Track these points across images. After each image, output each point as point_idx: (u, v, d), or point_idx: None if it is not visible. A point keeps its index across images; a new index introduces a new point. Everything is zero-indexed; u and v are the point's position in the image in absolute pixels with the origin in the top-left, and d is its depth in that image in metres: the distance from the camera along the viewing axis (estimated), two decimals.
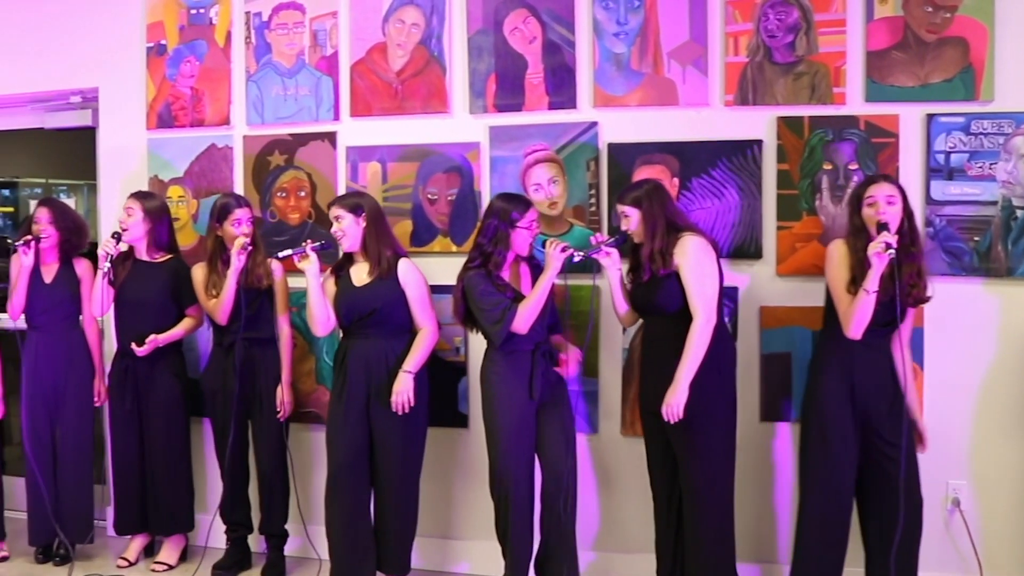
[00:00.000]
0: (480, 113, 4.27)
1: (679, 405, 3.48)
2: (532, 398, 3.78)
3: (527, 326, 3.71)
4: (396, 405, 3.86)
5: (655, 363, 3.66)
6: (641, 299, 3.71)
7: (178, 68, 4.74)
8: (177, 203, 4.72)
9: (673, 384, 3.49)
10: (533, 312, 3.70)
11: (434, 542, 4.36)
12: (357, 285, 3.95)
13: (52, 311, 4.51)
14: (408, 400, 3.87)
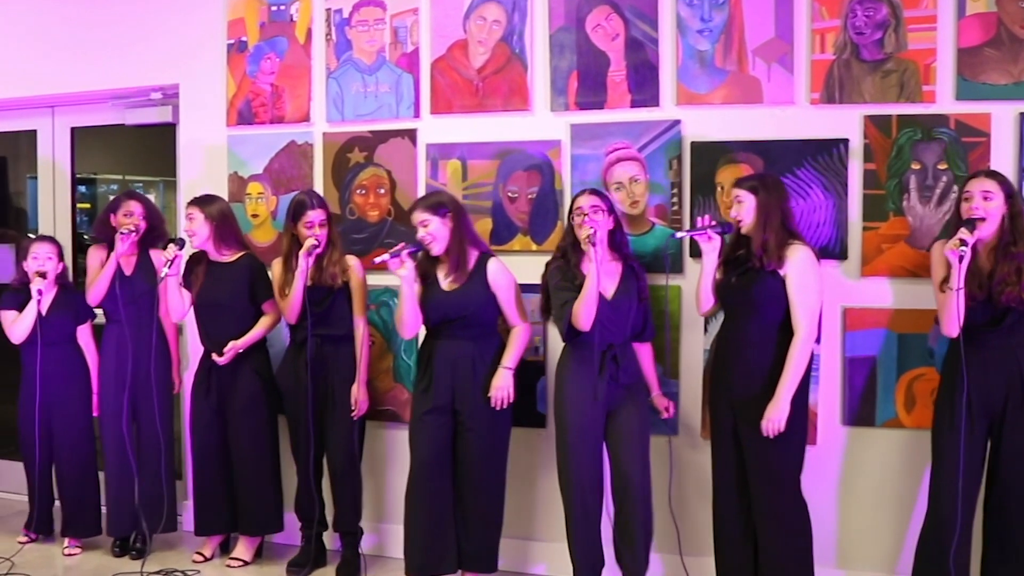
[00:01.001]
0: (561, 111, 4.62)
1: (781, 420, 3.82)
2: (596, 399, 4.10)
3: (585, 322, 4.04)
4: (496, 400, 4.24)
5: (737, 365, 3.96)
6: (733, 294, 3.99)
7: (258, 65, 5.18)
8: (256, 200, 5.16)
9: (775, 399, 3.82)
10: (587, 308, 4.02)
11: (513, 543, 4.69)
12: (446, 289, 4.30)
13: (134, 303, 4.97)
14: (508, 395, 4.25)
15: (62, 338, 5.04)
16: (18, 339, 4.95)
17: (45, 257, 4.95)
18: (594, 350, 4.08)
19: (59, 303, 5.02)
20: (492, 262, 4.33)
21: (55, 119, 5.99)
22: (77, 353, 5.12)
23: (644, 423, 4.19)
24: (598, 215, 4.08)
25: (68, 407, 5.07)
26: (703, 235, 3.97)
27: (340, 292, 4.66)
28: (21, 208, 6.62)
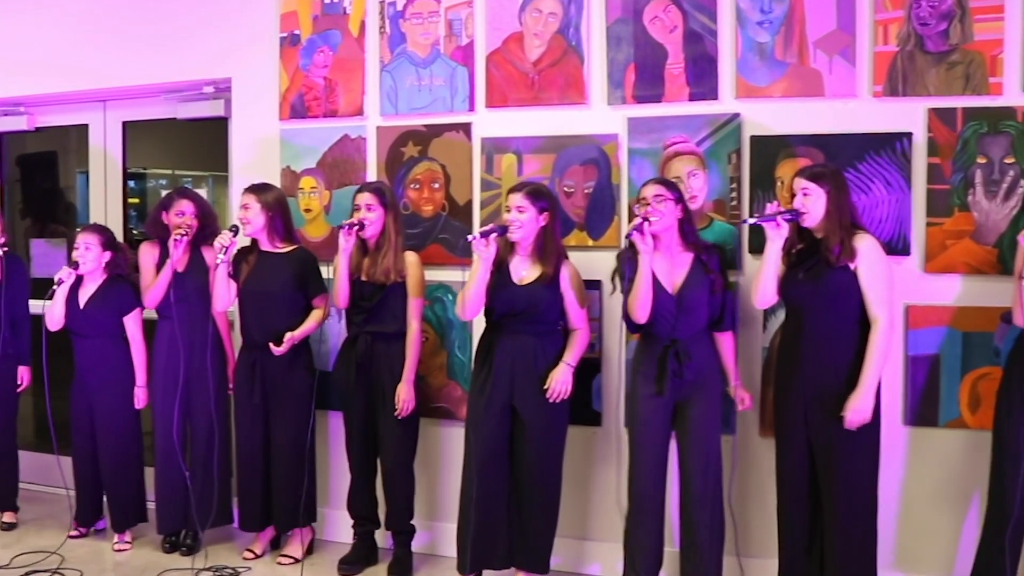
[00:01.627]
0: (618, 104, 4.80)
1: (867, 411, 3.98)
2: (658, 393, 4.27)
3: (639, 314, 4.23)
4: (553, 392, 4.42)
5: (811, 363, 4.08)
6: (801, 291, 4.11)
7: (311, 58, 5.41)
8: (309, 194, 5.40)
9: (859, 390, 3.97)
10: (639, 301, 4.21)
11: (567, 542, 4.87)
12: (517, 282, 4.49)
13: (187, 300, 5.22)
14: (566, 391, 4.43)
15: (105, 330, 5.29)
16: (52, 327, 5.20)
17: (83, 247, 5.21)
18: (659, 343, 4.28)
19: (100, 295, 5.28)
20: (567, 265, 4.52)
21: (107, 113, 6.29)
22: (120, 345, 5.35)
23: (710, 420, 4.30)
24: (662, 205, 4.23)
25: (111, 399, 5.33)
26: (772, 222, 4.03)
27: (393, 288, 4.83)
28: (71, 203, 6.92)
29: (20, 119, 6.47)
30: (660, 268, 4.30)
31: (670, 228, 4.27)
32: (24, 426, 6.61)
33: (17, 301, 5.64)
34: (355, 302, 4.91)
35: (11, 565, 5.06)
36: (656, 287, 4.26)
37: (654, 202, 4.23)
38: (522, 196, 4.43)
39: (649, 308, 4.23)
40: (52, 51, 6.13)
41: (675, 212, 4.26)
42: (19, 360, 5.68)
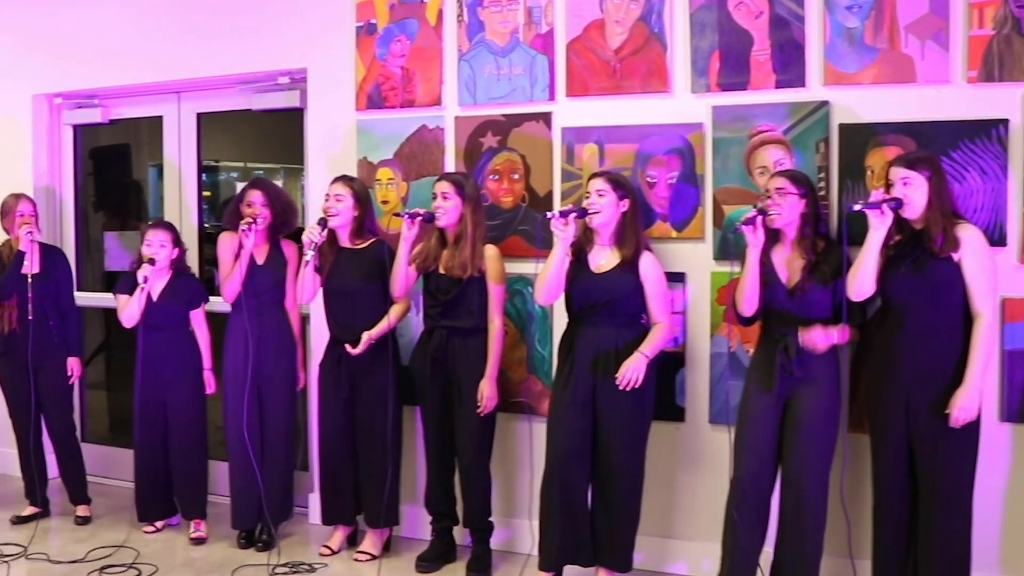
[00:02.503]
0: (702, 92, 4.95)
1: (972, 409, 4.09)
2: (766, 389, 4.40)
3: (746, 307, 4.39)
4: (623, 379, 4.54)
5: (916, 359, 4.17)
6: (905, 284, 4.18)
7: (388, 48, 5.63)
8: (386, 186, 5.63)
9: (966, 386, 4.08)
10: (745, 294, 4.36)
11: (649, 540, 5.02)
12: (595, 271, 4.66)
13: (264, 294, 5.48)
14: (637, 379, 4.55)
15: (172, 323, 5.58)
16: (128, 323, 5.50)
17: (158, 244, 5.50)
18: (772, 335, 4.42)
19: (171, 289, 5.56)
20: (647, 255, 4.66)
21: (181, 105, 6.58)
22: (188, 338, 5.67)
23: (818, 419, 4.34)
24: (783, 199, 4.33)
25: (184, 390, 5.63)
26: (876, 209, 4.06)
27: (471, 282, 5.00)
28: (142, 196, 7.22)
29: (94, 111, 6.79)
30: (778, 260, 4.43)
31: (792, 222, 4.37)
32: (97, 420, 6.93)
33: (62, 293, 5.95)
34: (432, 294, 5.11)
35: (86, 559, 5.35)
36: (771, 280, 4.39)
37: (776, 195, 4.34)
38: (603, 180, 4.61)
39: (756, 302, 4.38)
40: (127, 43, 6.44)
41: (798, 207, 4.34)
42: (68, 351, 5.96)
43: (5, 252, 5.90)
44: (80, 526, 5.93)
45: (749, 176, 4.83)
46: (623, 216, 4.62)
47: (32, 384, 5.85)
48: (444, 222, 5.02)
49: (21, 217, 5.82)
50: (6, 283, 5.77)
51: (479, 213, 5.05)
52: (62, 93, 6.90)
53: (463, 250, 4.99)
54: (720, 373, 4.93)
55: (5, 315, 5.80)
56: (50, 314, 5.81)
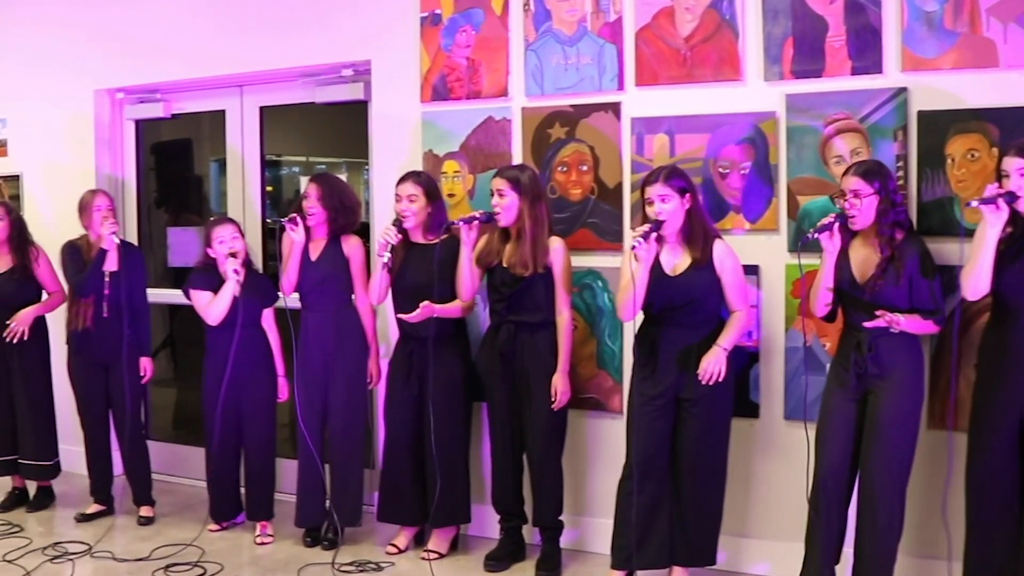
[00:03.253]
0: (776, 80, 5.01)
1: None
2: (840, 386, 4.47)
3: (817, 306, 4.47)
4: (705, 374, 4.64)
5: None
6: (1015, 277, 4.16)
7: (453, 38, 5.77)
8: (453, 179, 5.76)
9: None
10: (818, 294, 4.45)
11: (726, 539, 5.05)
12: (670, 273, 4.72)
13: (320, 289, 5.64)
14: (720, 372, 4.65)
15: (250, 321, 5.73)
16: (214, 320, 5.67)
17: (231, 237, 5.66)
18: (853, 331, 4.48)
19: (247, 285, 5.69)
20: (719, 244, 4.73)
21: (243, 98, 6.78)
22: (263, 336, 5.86)
23: (897, 417, 4.37)
24: (859, 201, 4.36)
25: (256, 391, 5.80)
26: (992, 204, 4.04)
27: (537, 276, 5.10)
28: (205, 192, 7.43)
29: (157, 106, 7.01)
30: (854, 255, 4.47)
31: (869, 222, 4.40)
32: (160, 417, 7.13)
33: (136, 291, 6.12)
34: (496, 289, 5.23)
35: (151, 558, 5.53)
36: (846, 275, 4.45)
37: (851, 198, 4.38)
38: (662, 185, 4.64)
39: (828, 300, 4.47)
40: (189, 36, 6.64)
41: (874, 204, 4.37)
42: (141, 351, 6.16)
43: (84, 247, 6.09)
44: (143, 526, 6.12)
45: (824, 166, 4.89)
46: (688, 212, 4.70)
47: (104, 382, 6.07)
48: (504, 221, 5.13)
49: (99, 212, 6.00)
50: (87, 280, 5.96)
51: (538, 208, 5.11)
52: (124, 88, 7.13)
53: (522, 247, 5.09)
54: (795, 368, 4.99)
55: (81, 312, 6.01)
56: (124, 312, 5.98)
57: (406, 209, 5.34)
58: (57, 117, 7.21)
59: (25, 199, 7.38)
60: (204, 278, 5.75)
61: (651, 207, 4.66)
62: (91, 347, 6.04)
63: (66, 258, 6.08)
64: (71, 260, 6.05)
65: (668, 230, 4.67)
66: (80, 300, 6.01)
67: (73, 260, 6.04)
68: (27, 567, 5.35)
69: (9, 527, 6.06)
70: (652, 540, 4.83)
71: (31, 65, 7.29)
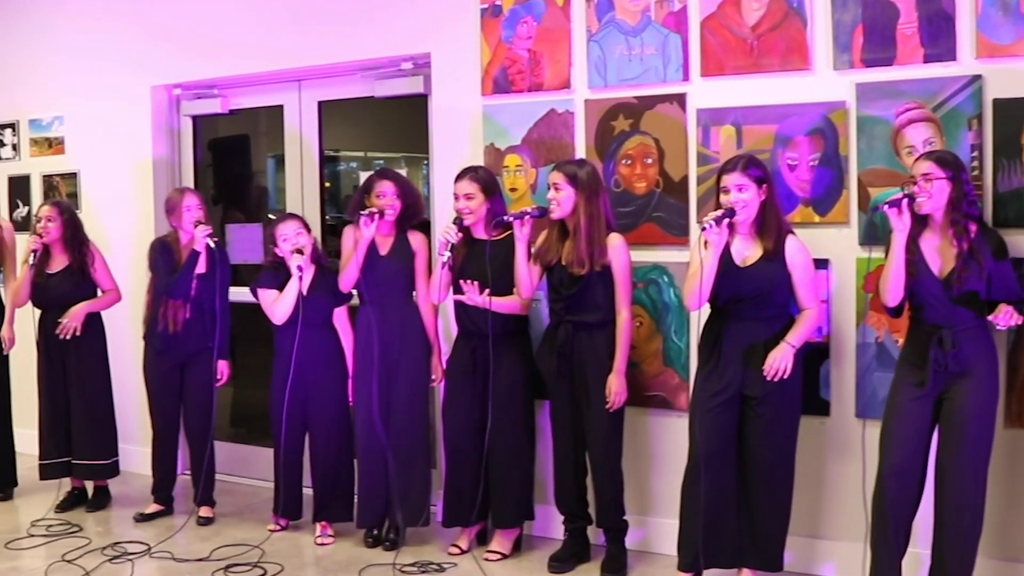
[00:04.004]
0: (845, 69, 5.05)
1: None
2: (918, 384, 4.49)
3: (890, 297, 4.47)
4: (770, 371, 4.68)
5: None
6: None
7: (514, 30, 5.87)
8: (515, 172, 5.87)
9: None
10: (890, 282, 4.44)
11: (796, 540, 5.11)
12: (741, 265, 4.78)
13: (387, 284, 5.75)
14: (785, 369, 4.68)
15: (319, 319, 5.85)
16: (280, 319, 5.79)
17: (295, 234, 5.78)
18: (926, 327, 4.49)
19: (317, 283, 5.83)
20: (792, 239, 4.79)
21: (302, 93, 6.93)
22: (334, 335, 5.96)
23: (976, 415, 4.38)
24: (930, 184, 4.38)
25: (325, 390, 5.91)
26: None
27: (595, 274, 5.17)
28: (263, 188, 7.59)
29: (214, 102, 7.19)
30: (927, 248, 4.50)
31: (940, 207, 4.42)
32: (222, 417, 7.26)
33: (219, 293, 6.25)
34: (555, 288, 5.32)
35: (211, 558, 5.67)
36: (921, 269, 4.47)
37: (922, 180, 4.41)
38: (740, 174, 4.70)
39: (901, 291, 4.47)
40: (246, 31, 6.81)
41: (946, 191, 4.39)
42: (219, 353, 6.30)
43: (175, 246, 6.22)
44: (202, 526, 6.28)
45: (896, 156, 4.93)
46: (762, 203, 4.76)
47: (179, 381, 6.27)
48: (559, 214, 5.21)
49: (189, 212, 6.14)
50: (178, 283, 6.13)
51: (595, 204, 5.16)
52: (181, 84, 7.33)
53: (578, 245, 5.17)
54: (867, 365, 5.04)
55: (169, 314, 6.17)
56: (206, 313, 6.15)
57: (464, 207, 5.45)
58: (114, 114, 7.41)
59: (82, 197, 7.59)
60: (271, 276, 5.88)
61: (726, 196, 4.73)
62: (175, 348, 6.21)
63: (156, 256, 6.23)
64: (162, 259, 6.20)
65: (741, 220, 4.74)
66: (168, 301, 6.17)
67: (164, 260, 6.19)
68: (86, 567, 5.51)
69: (68, 527, 6.24)
70: (719, 540, 4.89)
71: (88, 62, 7.51)
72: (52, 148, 7.81)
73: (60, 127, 7.77)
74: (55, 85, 7.74)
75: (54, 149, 7.80)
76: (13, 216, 7.89)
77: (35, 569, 5.54)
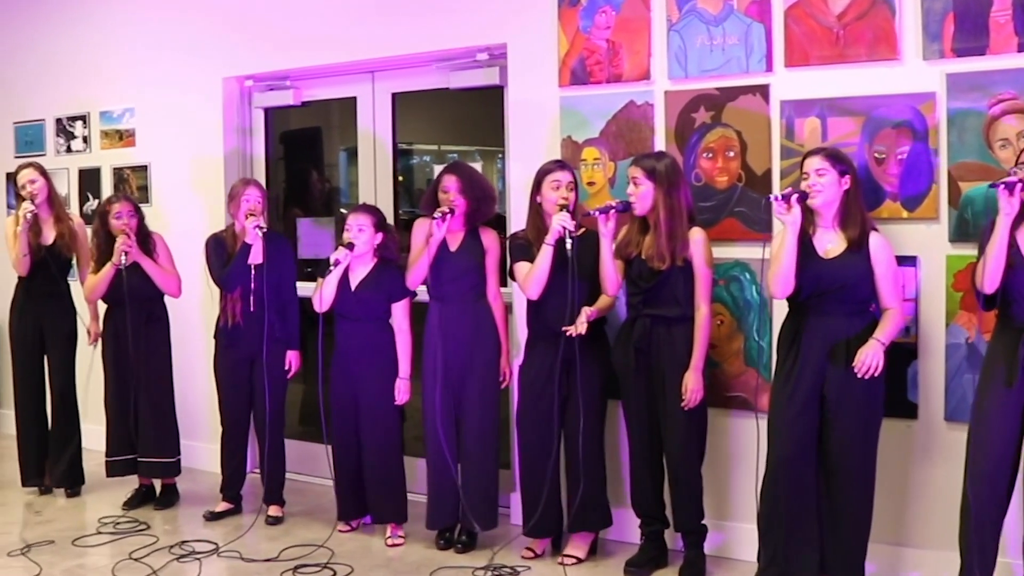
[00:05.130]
0: (935, 59, 5.07)
1: None
2: (1005, 384, 4.50)
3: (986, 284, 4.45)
4: (861, 367, 4.71)
5: None
6: None
7: (592, 19, 5.95)
8: (592, 166, 5.96)
9: None
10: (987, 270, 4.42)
11: (879, 547, 5.14)
12: (823, 257, 4.84)
13: (458, 281, 5.87)
14: (877, 366, 4.73)
15: (369, 315, 5.98)
16: (318, 307, 5.90)
17: (356, 228, 5.90)
18: (1015, 324, 4.51)
19: (372, 279, 5.96)
20: (875, 235, 4.84)
21: (375, 85, 7.08)
22: (388, 331, 6.05)
23: None
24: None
25: (376, 386, 6.02)
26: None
27: (675, 269, 5.25)
28: (334, 181, 7.74)
29: (286, 93, 7.36)
30: None
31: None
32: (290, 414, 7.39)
33: (284, 283, 6.43)
34: (633, 281, 5.40)
35: (279, 558, 5.81)
36: (1016, 262, 4.45)
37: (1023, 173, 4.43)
38: (821, 159, 4.79)
39: (999, 277, 4.45)
40: (319, 22, 6.97)
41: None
42: (288, 345, 6.48)
43: (229, 239, 6.40)
44: (271, 525, 6.43)
45: (989, 150, 4.94)
46: (846, 194, 4.81)
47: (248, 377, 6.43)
48: (639, 211, 5.29)
49: (247, 203, 6.29)
50: (230, 275, 6.29)
51: (675, 198, 5.24)
52: (253, 75, 7.51)
53: (659, 240, 5.25)
54: (957, 366, 5.05)
55: (229, 308, 6.36)
56: (271, 305, 6.27)
57: (568, 197, 5.52)
58: (185, 106, 7.62)
59: (152, 189, 7.81)
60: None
61: (805, 180, 4.81)
62: (239, 342, 6.38)
63: (210, 252, 6.40)
64: (215, 255, 6.37)
65: (817, 204, 4.80)
66: (227, 295, 6.35)
67: (217, 255, 6.37)
68: (153, 566, 5.68)
69: (135, 524, 6.44)
70: (799, 547, 4.93)
71: (160, 52, 7.73)
72: (123, 140, 8.04)
73: (131, 119, 7.98)
74: (126, 77, 7.96)
75: (125, 141, 8.03)
76: (84, 210, 8.14)
77: (102, 567, 5.72)
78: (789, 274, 4.79)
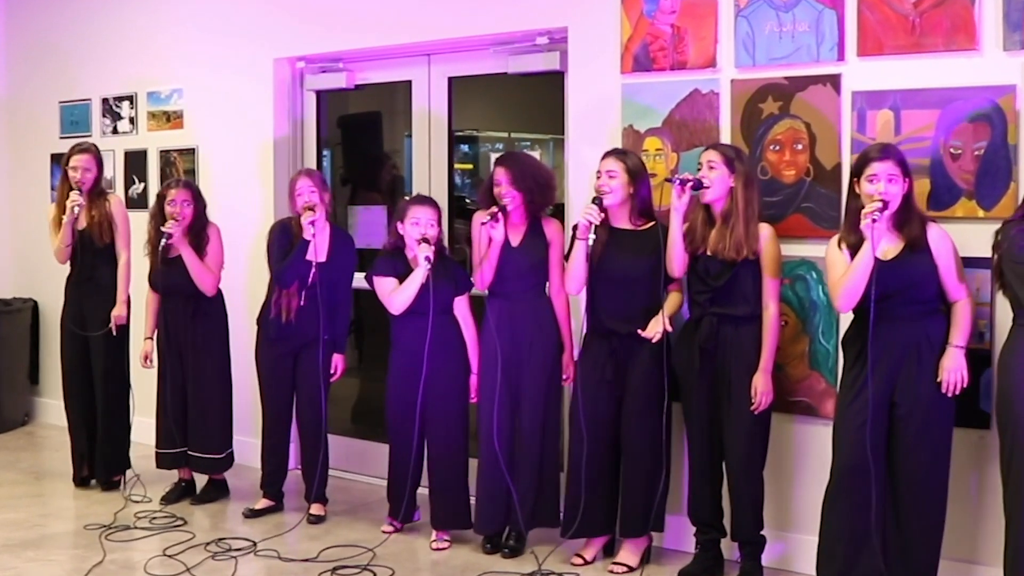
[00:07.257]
0: (1016, 50, 5.05)
1: None
2: None
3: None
4: (948, 384, 4.77)
5: None
6: None
7: (657, 4, 6.00)
8: (654, 157, 6.02)
9: None
10: None
11: (951, 564, 5.13)
12: (883, 258, 4.84)
13: (521, 277, 5.94)
14: (963, 378, 4.78)
15: (439, 308, 6.02)
16: (398, 310, 5.99)
17: (428, 222, 5.96)
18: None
19: (437, 271, 5.98)
20: (933, 227, 4.88)
21: (431, 68, 7.18)
22: (454, 326, 6.13)
23: None
24: None
25: (443, 386, 6.08)
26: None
27: (745, 265, 5.32)
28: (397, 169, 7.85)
29: (339, 76, 7.49)
30: None
31: None
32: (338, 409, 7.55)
33: (340, 283, 6.53)
34: (700, 279, 5.45)
35: (319, 559, 5.91)
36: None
37: None
38: (894, 164, 4.82)
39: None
40: (373, 3, 7.09)
41: None
42: (335, 347, 6.57)
43: (295, 227, 6.44)
44: (312, 524, 6.54)
45: None
46: (905, 197, 4.85)
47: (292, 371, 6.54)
48: (711, 195, 5.34)
49: (300, 197, 6.38)
50: (287, 271, 6.38)
51: (751, 189, 5.33)
52: (305, 56, 7.64)
53: (735, 229, 5.30)
54: None
55: (284, 302, 6.45)
56: (323, 303, 6.33)
57: (604, 184, 5.58)
58: (235, 87, 7.78)
59: (200, 173, 7.96)
60: (389, 263, 6.07)
61: (875, 185, 4.82)
62: (288, 337, 6.48)
63: (273, 240, 6.51)
64: (278, 244, 6.46)
65: (893, 210, 4.83)
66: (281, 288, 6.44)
67: (280, 243, 6.46)
68: (188, 563, 5.81)
69: (173, 519, 6.60)
70: (862, 560, 4.95)
71: (209, 32, 7.89)
72: (170, 122, 8.21)
73: (179, 100, 8.15)
74: (174, 56, 8.13)
75: (172, 123, 8.19)
76: (129, 193, 8.33)
77: (135, 563, 5.86)
78: (859, 289, 4.81)
